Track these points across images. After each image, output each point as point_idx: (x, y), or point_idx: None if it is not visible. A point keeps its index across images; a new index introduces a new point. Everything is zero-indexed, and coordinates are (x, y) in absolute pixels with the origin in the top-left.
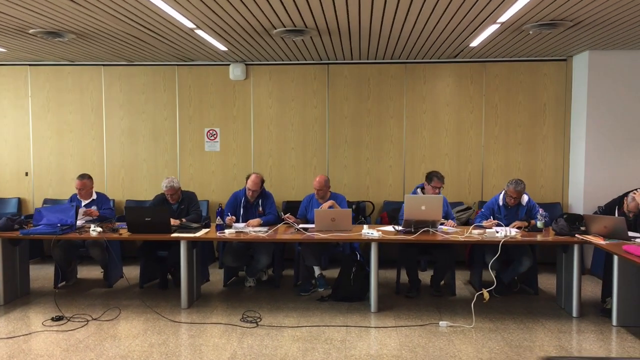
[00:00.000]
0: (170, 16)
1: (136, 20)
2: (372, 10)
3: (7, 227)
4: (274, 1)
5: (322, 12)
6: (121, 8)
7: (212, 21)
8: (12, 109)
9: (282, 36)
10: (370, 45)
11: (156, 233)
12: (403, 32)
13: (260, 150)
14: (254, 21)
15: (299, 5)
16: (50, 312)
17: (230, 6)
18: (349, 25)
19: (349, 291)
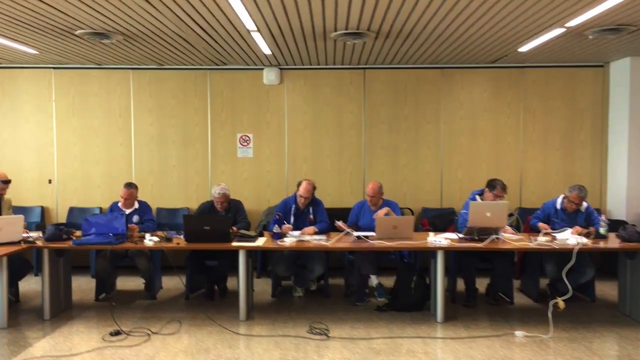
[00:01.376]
0: (235, 17)
1: (197, 20)
2: (425, 12)
3: (55, 236)
4: (341, 4)
5: (386, 14)
6: (189, 7)
7: (274, 24)
8: (35, 114)
9: (340, 39)
10: (409, 49)
11: (215, 242)
12: (448, 36)
13: (294, 156)
14: (309, 24)
15: (355, 9)
16: (104, 326)
17: (295, 9)
18: (403, 27)
19: (409, 300)
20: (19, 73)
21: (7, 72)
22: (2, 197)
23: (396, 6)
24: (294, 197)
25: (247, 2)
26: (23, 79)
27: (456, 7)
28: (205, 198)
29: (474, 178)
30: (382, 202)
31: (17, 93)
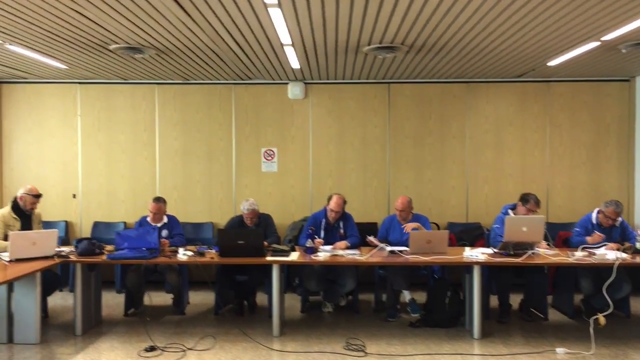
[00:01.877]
0: (273, 31)
1: (234, 34)
2: (463, 26)
3: (88, 251)
4: (382, 17)
5: (424, 28)
6: (229, 21)
7: (310, 38)
8: (61, 129)
9: (372, 53)
10: (438, 63)
11: (249, 256)
12: (480, 50)
13: (319, 170)
14: (344, 38)
15: (395, 23)
16: (138, 342)
17: (334, 23)
18: (437, 41)
19: (443, 316)
20: (44, 88)
21: (33, 87)
22: (33, 212)
23: (436, 20)
24: (324, 212)
25: (288, 16)
26: (49, 94)
27: (495, 20)
28: (229, 212)
29: (500, 192)
30: (412, 216)
31: (43, 108)
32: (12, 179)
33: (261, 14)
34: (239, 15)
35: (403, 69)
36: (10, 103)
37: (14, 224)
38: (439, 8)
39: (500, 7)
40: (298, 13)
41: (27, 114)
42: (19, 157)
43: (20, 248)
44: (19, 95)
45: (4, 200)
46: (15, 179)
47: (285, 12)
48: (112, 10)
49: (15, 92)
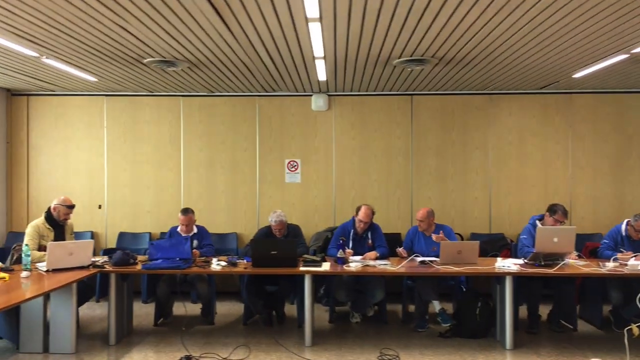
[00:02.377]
0: (308, 44)
1: (268, 46)
2: (497, 39)
3: (123, 261)
4: (420, 30)
5: (457, 41)
6: (267, 33)
7: (343, 51)
8: (87, 140)
9: (402, 65)
10: (464, 75)
11: (282, 267)
12: (509, 62)
13: (342, 182)
14: (377, 51)
15: (430, 36)
16: (172, 352)
17: (370, 37)
18: (468, 54)
19: (474, 327)
20: (71, 100)
21: (60, 99)
22: (66, 222)
23: (471, 33)
24: (352, 222)
25: (326, 30)
26: (75, 106)
27: (529, 34)
28: (253, 223)
29: (523, 203)
30: (435, 226)
31: (69, 120)
32: (39, 190)
33: (300, 27)
34: (278, 28)
35: (428, 81)
36: (37, 115)
37: (47, 235)
38: (476, 22)
39: (536, 22)
40: (337, 26)
41: (53, 126)
42: (45, 168)
43: (58, 258)
44: (45, 108)
45: (30, 211)
46: (41, 190)
47: (325, 25)
48: (154, 24)
49: (42, 105)
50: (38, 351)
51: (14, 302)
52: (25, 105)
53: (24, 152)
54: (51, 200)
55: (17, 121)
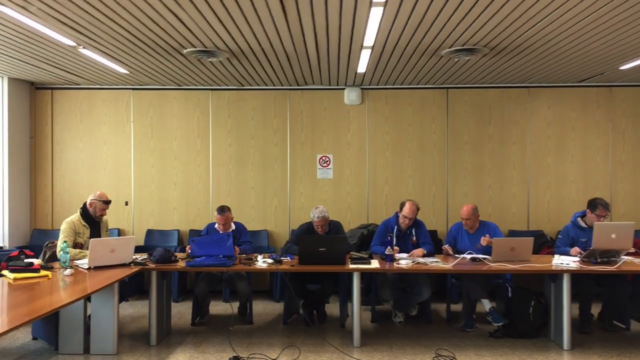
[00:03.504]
0: (361, 33)
1: (319, 35)
2: (557, 27)
3: (165, 258)
4: (468, 19)
5: (517, 29)
6: (322, 21)
7: (394, 41)
8: (113, 135)
9: (451, 55)
10: (507, 66)
11: (330, 264)
12: (556, 51)
13: (375, 177)
14: (430, 40)
15: (492, 24)
16: (218, 352)
17: (428, 25)
18: (522, 43)
19: (527, 326)
20: (96, 94)
21: (85, 93)
22: (101, 219)
23: (530, 20)
24: (395, 218)
25: (387, 15)
26: (101, 100)
27: (582, 21)
28: (284, 220)
29: (562, 199)
30: (479, 224)
31: (95, 114)
32: (64, 186)
33: (361, 13)
34: (337, 14)
35: (467, 74)
36: (61, 109)
37: (83, 232)
38: (535, 7)
39: (597, 6)
40: (400, 12)
41: (78, 121)
42: (70, 164)
43: (99, 255)
44: (70, 102)
45: (54, 208)
46: (66, 187)
47: (387, 10)
48: (208, 10)
49: (67, 99)
50: (78, 352)
51: (65, 303)
52: (50, 99)
53: (48, 148)
54: (76, 196)
55: (41, 115)
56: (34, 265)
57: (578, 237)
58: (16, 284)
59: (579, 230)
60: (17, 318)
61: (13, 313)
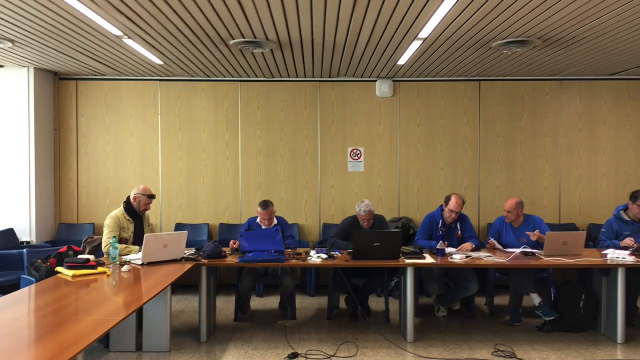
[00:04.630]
0: (421, 24)
1: (378, 25)
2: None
3: (216, 253)
4: (507, 12)
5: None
6: (389, 9)
7: (452, 33)
8: (140, 127)
9: (502, 48)
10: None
11: (383, 259)
12: (608, 42)
13: (406, 170)
14: (485, 32)
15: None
16: (271, 348)
17: (494, 16)
18: (576, 35)
19: (578, 320)
20: (123, 85)
21: (111, 84)
22: (144, 213)
23: (596, 10)
24: (440, 212)
25: (456, 8)
26: (127, 91)
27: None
28: (314, 213)
29: (593, 192)
30: (524, 217)
31: (121, 106)
32: (89, 179)
33: (432, 4)
34: (406, 5)
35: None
36: (86, 101)
37: (127, 226)
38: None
39: None
40: (469, 3)
41: (104, 112)
42: (95, 156)
43: (153, 251)
44: (95, 93)
45: (79, 201)
46: (92, 179)
47: (459, 3)
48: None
49: (92, 89)
50: (130, 350)
51: (150, 297)
52: (74, 89)
53: (73, 140)
54: (102, 190)
55: (65, 107)
56: (90, 262)
57: (622, 230)
58: (75, 281)
59: (622, 223)
60: (116, 312)
61: (111, 306)
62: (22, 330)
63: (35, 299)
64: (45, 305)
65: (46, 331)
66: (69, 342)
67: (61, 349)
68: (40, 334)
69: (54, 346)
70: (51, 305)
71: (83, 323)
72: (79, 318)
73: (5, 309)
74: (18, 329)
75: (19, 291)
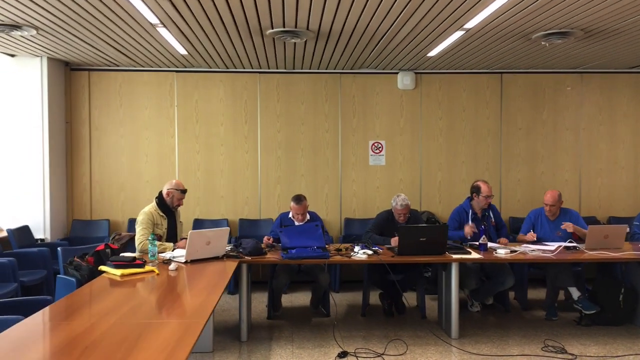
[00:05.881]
0: (470, 16)
1: (420, 12)
2: None
3: (257, 250)
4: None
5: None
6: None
7: (496, 24)
8: (155, 120)
9: (543, 40)
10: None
11: (429, 254)
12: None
13: (428, 164)
14: (530, 24)
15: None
16: (316, 347)
17: (542, 7)
18: (616, 27)
19: (617, 314)
20: (137, 76)
21: (125, 75)
22: (177, 208)
23: None
24: (468, 203)
25: None
26: (142, 83)
27: None
28: (335, 208)
29: (613, 185)
30: (560, 211)
31: (136, 98)
32: (103, 173)
33: None
34: None
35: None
36: (99, 93)
37: (161, 223)
38: None
39: None
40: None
41: (118, 104)
42: (109, 150)
43: (197, 248)
44: (109, 84)
45: (92, 197)
46: (105, 174)
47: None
48: None
49: (105, 81)
50: None
51: (214, 303)
52: (87, 81)
53: (86, 133)
54: (116, 185)
55: (77, 99)
56: (136, 261)
57: None
58: (124, 281)
59: None
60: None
61: (185, 307)
62: (114, 337)
63: (98, 301)
64: (115, 307)
65: (137, 336)
66: (169, 345)
67: (168, 354)
68: (133, 338)
69: (159, 351)
70: (122, 307)
71: (170, 326)
72: (161, 321)
73: (73, 314)
74: (108, 335)
75: (73, 294)
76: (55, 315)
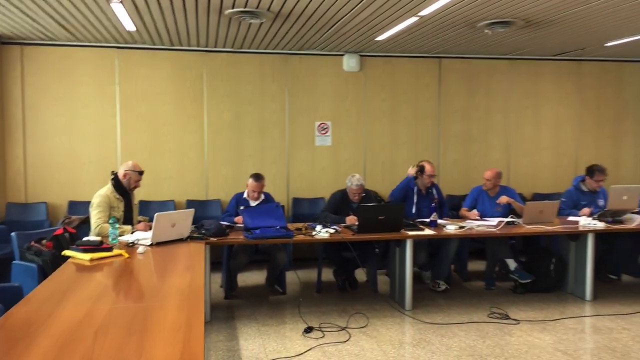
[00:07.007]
0: (426, 3)
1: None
2: None
3: (221, 231)
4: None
5: None
6: None
7: (445, 12)
8: (96, 98)
9: (487, 28)
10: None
11: (387, 232)
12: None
13: (372, 144)
14: (471, 12)
15: None
16: (282, 324)
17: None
18: (557, 17)
19: (549, 282)
20: (75, 52)
21: (62, 50)
22: (133, 191)
23: None
24: (412, 181)
25: None
26: (80, 59)
27: None
28: (282, 188)
29: (537, 164)
30: (499, 188)
31: (74, 75)
32: (38, 155)
33: None
34: None
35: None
36: (33, 69)
37: (117, 205)
38: None
39: None
40: None
41: (54, 81)
42: (46, 130)
43: (162, 230)
44: (44, 60)
45: (27, 180)
46: (42, 156)
47: None
48: None
49: (41, 56)
50: None
51: (201, 284)
52: (19, 56)
53: (19, 113)
54: (53, 167)
55: (8, 75)
56: (103, 244)
57: (579, 200)
58: (95, 265)
59: (580, 194)
60: (191, 295)
61: (176, 288)
62: (119, 321)
63: (80, 287)
64: (103, 293)
65: (143, 318)
66: (181, 325)
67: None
68: (139, 321)
69: (174, 330)
70: (109, 292)
71: (170, 307)
72: (159, 303)
73: (62, 301)
74: (113, 320)
75: (49, 280)
76: (45, 302)
